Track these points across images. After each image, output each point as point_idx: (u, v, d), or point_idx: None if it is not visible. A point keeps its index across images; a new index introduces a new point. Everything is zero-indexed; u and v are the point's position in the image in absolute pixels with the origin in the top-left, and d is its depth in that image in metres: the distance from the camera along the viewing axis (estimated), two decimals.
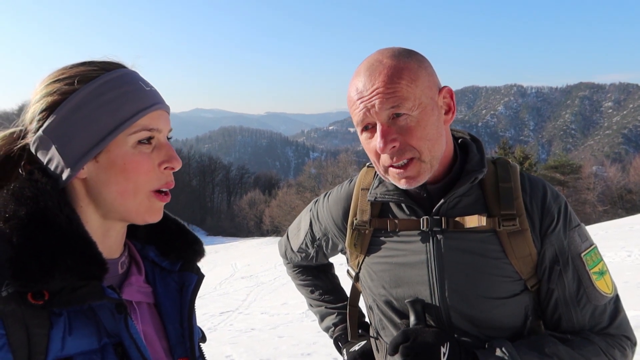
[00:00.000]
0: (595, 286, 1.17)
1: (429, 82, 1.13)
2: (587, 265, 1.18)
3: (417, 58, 1.14)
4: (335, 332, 1.63)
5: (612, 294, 1.19)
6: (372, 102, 1.10)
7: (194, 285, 1.00)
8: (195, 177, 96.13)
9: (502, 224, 1.17)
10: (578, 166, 44.72)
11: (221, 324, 8.53)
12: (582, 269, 1.18)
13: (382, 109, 1.09)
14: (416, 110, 1.10)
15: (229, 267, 19.80)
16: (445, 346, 1.11)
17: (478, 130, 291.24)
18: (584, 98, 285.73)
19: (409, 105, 1.09)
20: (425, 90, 1.12)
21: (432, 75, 1.15)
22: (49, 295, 0.75)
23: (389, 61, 1.11)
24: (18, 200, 0.79)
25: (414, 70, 1.11)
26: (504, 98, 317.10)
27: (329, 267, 1.79)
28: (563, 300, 1.18)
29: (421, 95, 1.11)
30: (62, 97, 0.85)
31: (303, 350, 5.82)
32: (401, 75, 1.09)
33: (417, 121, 1.11)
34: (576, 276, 1.18)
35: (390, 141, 1.11)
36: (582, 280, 1.18)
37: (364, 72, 1.13)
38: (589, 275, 1.18)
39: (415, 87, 1.10)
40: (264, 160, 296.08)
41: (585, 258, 1.19)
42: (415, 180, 1.15)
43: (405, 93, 1.09)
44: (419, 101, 1.10)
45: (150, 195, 0.89)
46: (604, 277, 1.20)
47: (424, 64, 1.15)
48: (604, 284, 1.19)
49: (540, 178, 1.28)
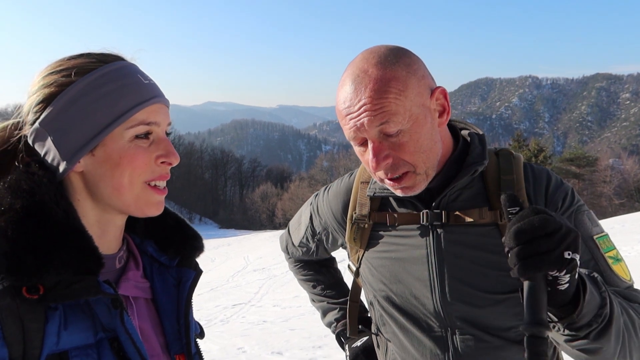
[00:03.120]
0: (613, 269, 1.09)
1: (419, 88, 1.07)
2: (602, 248, 1.11)
3: (404, 62, 1.07)
4: (337, 327, 1.62)
5: (630, 281, 1.11)
6: (360, 120, 1.05)
7: (192, 281, 0.99)
8: (207, 170, 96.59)
9: (503, 217, 1.13)
10: (594, 159, 44.18)
11: (233, 316, 8.60)
12: (596, 251, 1.10)
13: (371, 126, 1.05)
14: (407, 124, 1.06)
15: (242, 259, 19.91)
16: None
17: (492, 123, 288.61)
18: (600, 89, 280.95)
19: (398, 120, 1.04)
20: (416, 99, 1.06)
21: (423, 78, 1.09)
22: (44, 289, 0.75)
23: (374, 71, 1.05)
24: (14, 193, 0.79)
25: (402, 80, 1.04)
26: (518, 90, 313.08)
27: (330, 261, 1.77)
28: None
29: (411, 105, 1.05)
30: (59, 89, 0.83)
31: (314, 343, 5.84)
32: (388, 88, 1.03)
33: (409, 135, 1.07)
34: (592, 259, 1.10)
35: (382, 159, 1.08)
36: (599, 262, 1.10)
37: (350, 83, 1.07)
38: (605, 259, 1.10)
39: (404, 99, 1.04)
40: (276, 153, 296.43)
41: (598, 241, 1.12)
42: (412, 190, 1.13)
43: (393, 107, 1.03)
44: (409, 113, 1.05)
45: (146, 187, 0.88)
46: (620, 264, 1.12)
47: (413, 67, 1.08)
48: (621, 269, 1.11)
49: (545, 167, 1.23)
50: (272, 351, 5.78)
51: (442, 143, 1.16)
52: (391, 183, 1.13)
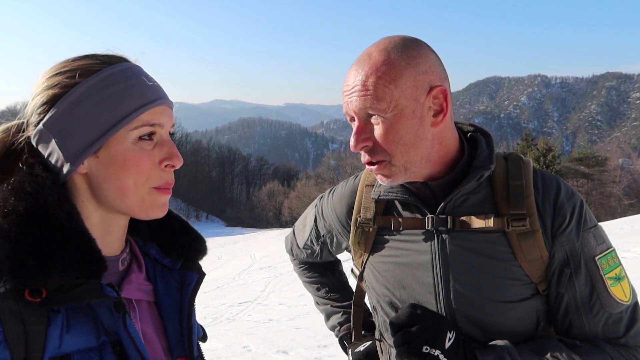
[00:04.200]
0: (610, 292, 1.09)
1: (414, 81, 1.05)
2: (602, 269, 1.10)
3: (409, 53, 1.06)
4: (340, 331, 1.60)
5: (629, 302, 1.11)
6: (350, 98, 1.08)
7: (194, 284, 0.99)
8: (214, 168, 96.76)
9: (511, 224, 1.11)
10: (603, 158, 43.78)
11: (239, 314, 8.62)
12: (595, 273, 1.10)
13: (357, 107, 1.07)
14: (390, 112, 1.05)
15: (248, 257, 19.95)
16: (452, 332, 1.08)
17: (500, 122, 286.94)
18: (610, 88, 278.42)
19: (382, 107, 1.04)
20: (407, 91, 1.05)
21: (423, 73, 1.06)
22: (47, 292, 0.74)
23: (376, 55, 1.06)
24: (18, 195, 0.78)
25: (398, 69, 1.04)
26: (527, 89, 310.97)
27: (335, 264, 1.75)
28: (574, 306, 1.11)
29: (400, 96, 1.04)
30: (63, 91, 0.83)
31: (319, 342, 5.83)
32: (381, 74, 1.04)
33: (390, 124, 1.05)
34: (589, 281, 1.10)
35: (362, 140, 1.09)
36: (596, 285, 1.10)
37: (355, 64, 1.10)
38: (604, 280, 1.10)
39: (393, 88, 1.04)
40: (283, 152, 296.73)
41: (600, 262, 1.11)
42: (389, 179, 1.12)
43: (380, 93, 1.04)
44: (395, 103, 1.04)
45: (152, 191, 0.88)
46: (620, 283, 1.12)
47: (417, 59, 1.06)
48: (620, 290, 1.11)
49: (555, 175, 1.20)
50: (277, 350, 5.78)
51: (440, 145, 1.13)
52: (370, 168, 1.13)
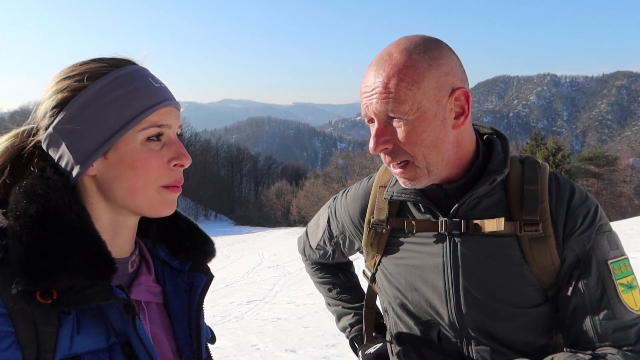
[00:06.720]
0: (621, 298, 1.05)
1: (437, 83, 1.04)
2: (614, 274, 1.07)
3: (431, 55, 1.04)
4: (351, 332, 1.60)
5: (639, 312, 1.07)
6: (370, 100, 1.06)
7: (203, 286, 1.00)
8: (223, 167, 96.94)
9: (523, 228, 1.09)
10: (614, 158, 43.36)
11: (248, 312, 8.64)
12: (607, 277, 1.07)
13: (378, 109, 1.06)
14: (413, 115, 1.04)
15: (256, 256, 20.01)
16: None
17: (509, 121, 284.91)
18: (621, 87, 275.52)
19: (404, 109, 1.03)
20: (429, 93, 1.04)
21: (446, 75, 1.05)
22: (58, 294, 0.76)
23: (397, 56, 1.04)
24: (30, 198, 0.80)
25: (420, 71, 1.03)
26: (536, 88, 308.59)
27: (347, 265, 1.76)
28: (583, 311, 1.07)
29: (422, 98, 1.03)
30: (72, 94, 0.85)
31: (328, 341, 5.83)
32: (403, 75, 1.02)
33: (412, 126, 1.05)
34: (600, 284, 1.07)
35: (382, 143, 1.08)
36: (607, 289, 1.06)
37: (374, 64, 1.08)
38: (615, 285, 1.06)
39: (416, 90, 1.02)
40: (291, 151, 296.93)
41: (612, 266, 1.08)
42: (414, 182, 1.11)
43: (402, 96, 1.02)
44: (417, 105, 1.03)
45: (161, 189, 0.89)
46: (632, 292, 1.08)
47: (439, 61, 1.05)
48: (631, 298, 1.07)
49: (570, 180, 1.17)
50: (285, 349, 5.79)
51: (459, 147, 1.12)
52: (395, 171, 1.13)
